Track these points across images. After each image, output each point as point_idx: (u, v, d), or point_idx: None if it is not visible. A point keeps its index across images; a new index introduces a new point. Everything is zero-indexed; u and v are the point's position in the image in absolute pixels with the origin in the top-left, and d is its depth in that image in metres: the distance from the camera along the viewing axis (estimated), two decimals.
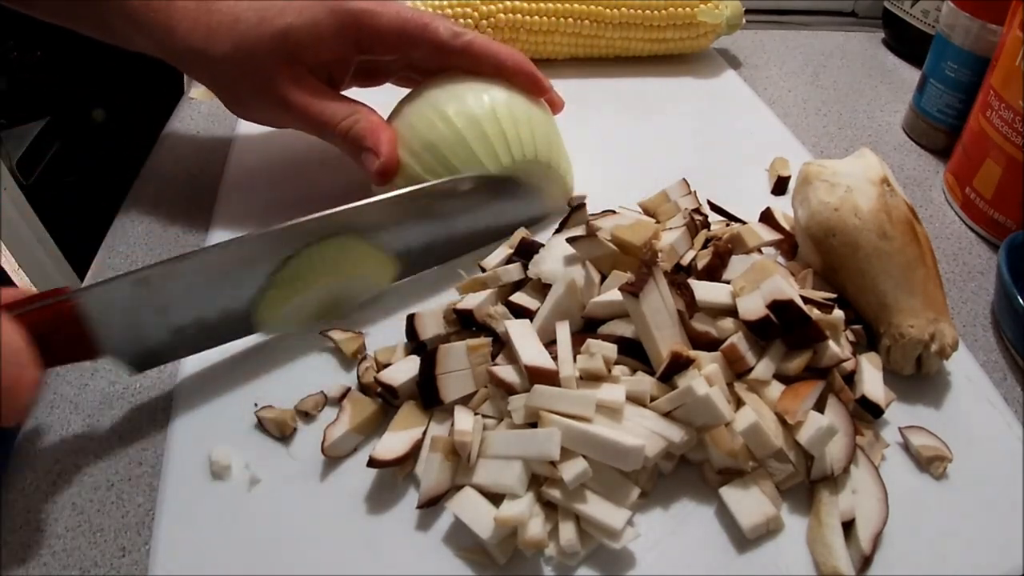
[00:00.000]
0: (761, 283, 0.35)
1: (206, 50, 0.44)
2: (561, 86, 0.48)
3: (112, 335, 0.35)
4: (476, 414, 0.34)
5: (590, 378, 0.34)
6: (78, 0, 0.47)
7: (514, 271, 0.39)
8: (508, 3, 0.60)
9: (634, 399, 0.33)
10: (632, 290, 0.33)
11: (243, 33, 0.43)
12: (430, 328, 0.38)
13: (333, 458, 0.35)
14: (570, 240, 0.38)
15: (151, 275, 0.35)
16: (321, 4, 0.44)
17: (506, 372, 0.34)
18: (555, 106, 0.50)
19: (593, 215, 0.43)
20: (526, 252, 0.40)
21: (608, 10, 0.61)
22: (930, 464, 0.34)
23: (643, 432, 0.32)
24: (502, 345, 0.36)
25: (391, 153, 0.43)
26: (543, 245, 0.40)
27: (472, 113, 0.44)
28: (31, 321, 0.31)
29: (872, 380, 0.36)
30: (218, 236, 0.49)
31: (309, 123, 0.45)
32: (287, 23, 0.43)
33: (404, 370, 0.36)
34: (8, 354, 0.29)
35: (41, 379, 0.31)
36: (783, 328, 0.34)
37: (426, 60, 0.47)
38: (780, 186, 0.51)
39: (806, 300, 0.35)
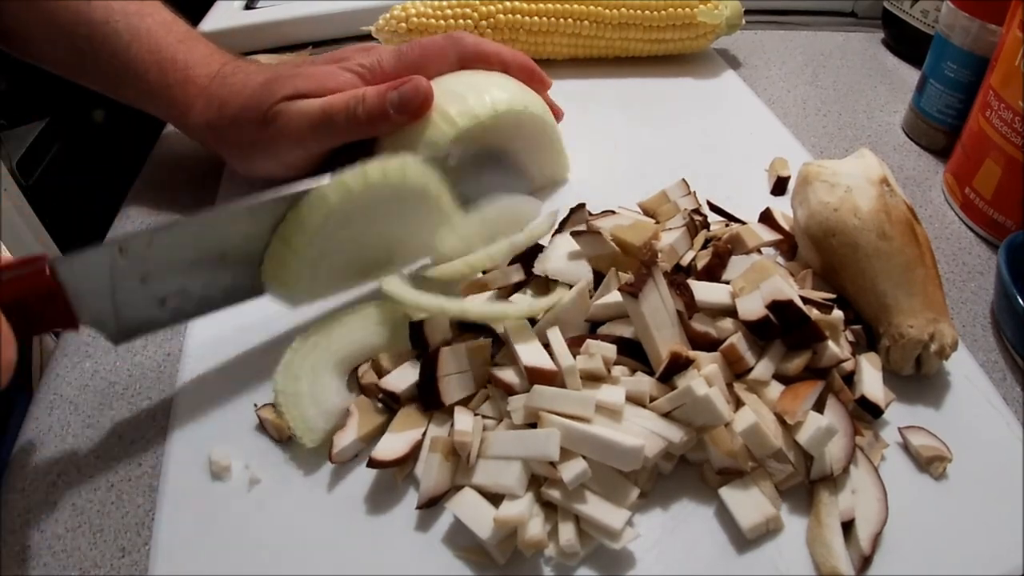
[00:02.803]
0: (761, 283, 0.35)
1: (218, 119, 0.46)
2: (561, 86, 0.48)
3: (91, 304, 0.34)
4: (476, 415, 0.34)
5: (590, 378, 0.34)
6: (87, 60, 0.48)
7: (514, 272, 0.39)
8: (508, 3, 0.60)
9: (634, 399, 0.33)
10: (632, 290, 0.33)
11: (251, 94, 0.45)
12: (438, 335, 0.37)
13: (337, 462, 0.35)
14: (574, 234, 0.38)
15: (130, 244, 0.34)
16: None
17: (506, 373, 0.34)
18: (556, 114, 0.50)
19: (593, 215, 0.43)
20: (525, 253, 0.40)
21: (607, 11, 0.61)
22: (930, 464, 0.34)
23: (643, 432, 0.32)
24: (502, 345, 0.36)
25: (420, 81, 0.44)
26: (543, 247, 0.40)
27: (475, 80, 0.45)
28: (7, 290, 0.30)
29: (872, 380, 0.36)
30: None
31: (326, 119, 0.44)
32: (296, 86, 0.45)
33: (406, 376, 0.36)
34: None
35: (15, 357, 0.29)
36: (782, 328, 0.34)
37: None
38: (780, 186, 0.51)
39: (805, 300, 0.35)
